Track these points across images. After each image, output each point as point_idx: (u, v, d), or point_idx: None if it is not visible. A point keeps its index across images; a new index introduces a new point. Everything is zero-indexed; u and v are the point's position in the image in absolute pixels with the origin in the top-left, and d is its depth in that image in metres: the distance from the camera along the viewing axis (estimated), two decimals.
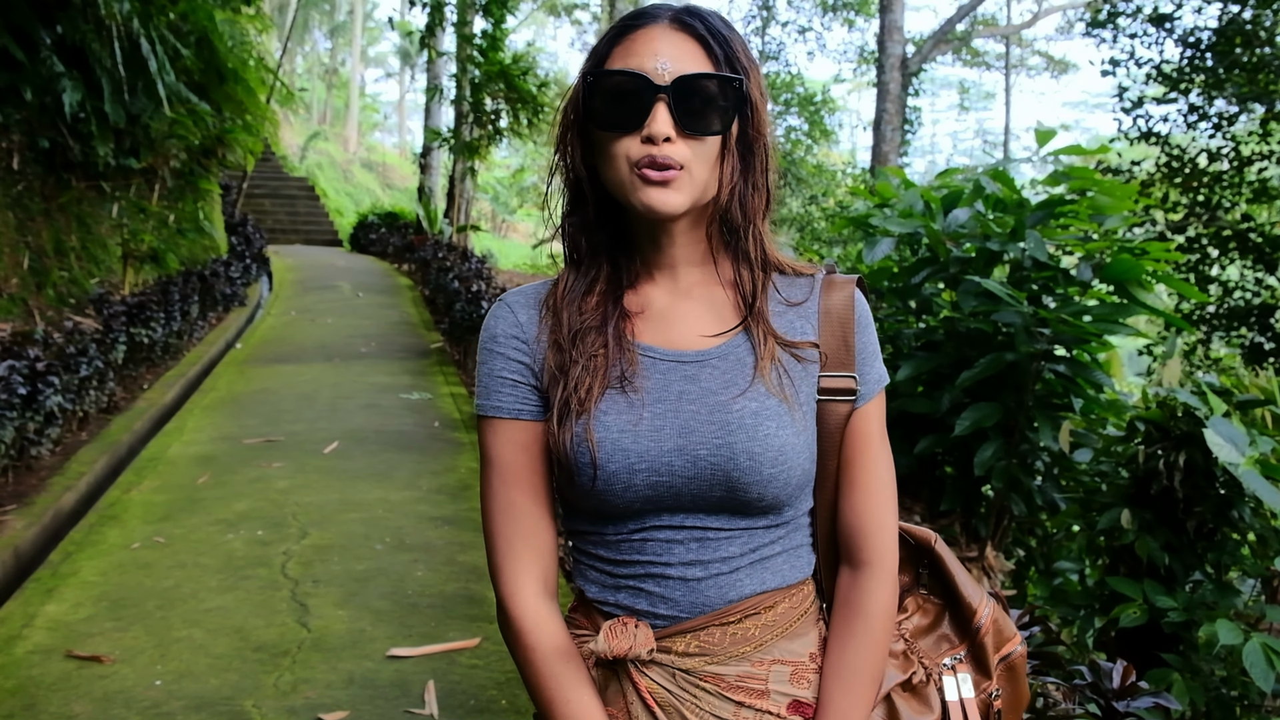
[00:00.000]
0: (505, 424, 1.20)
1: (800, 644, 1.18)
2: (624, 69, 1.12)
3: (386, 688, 3.11)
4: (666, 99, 1.10)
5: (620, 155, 1.12)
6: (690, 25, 1.14)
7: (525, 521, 1.19)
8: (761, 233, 1.20)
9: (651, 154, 1.10)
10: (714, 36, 1.13)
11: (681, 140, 1.11)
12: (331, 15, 41.57)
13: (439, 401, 7.39)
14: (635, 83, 1.11)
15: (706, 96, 1.11)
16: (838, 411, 1.20)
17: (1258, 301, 9.43)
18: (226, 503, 4.90)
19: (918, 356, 3.70)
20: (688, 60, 1.12)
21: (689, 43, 1.13)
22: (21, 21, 7.41)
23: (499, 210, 33.42)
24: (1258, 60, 9.02)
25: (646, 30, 1.13)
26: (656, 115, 1.10)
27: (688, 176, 1.12)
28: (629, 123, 1.11)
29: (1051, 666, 2.12)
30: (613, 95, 1.12)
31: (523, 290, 1.26)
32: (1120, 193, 3.56)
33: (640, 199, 1.11)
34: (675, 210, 1.12)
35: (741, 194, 1.16)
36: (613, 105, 1.12)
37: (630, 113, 1.11)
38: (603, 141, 1.14)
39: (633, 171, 1.11)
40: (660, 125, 1.09)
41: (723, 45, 1.13)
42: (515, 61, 12.81)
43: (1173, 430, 3.42)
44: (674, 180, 1.11)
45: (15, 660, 3.26)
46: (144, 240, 8.98)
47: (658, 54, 1.11)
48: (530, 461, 1.19)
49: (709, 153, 1.13)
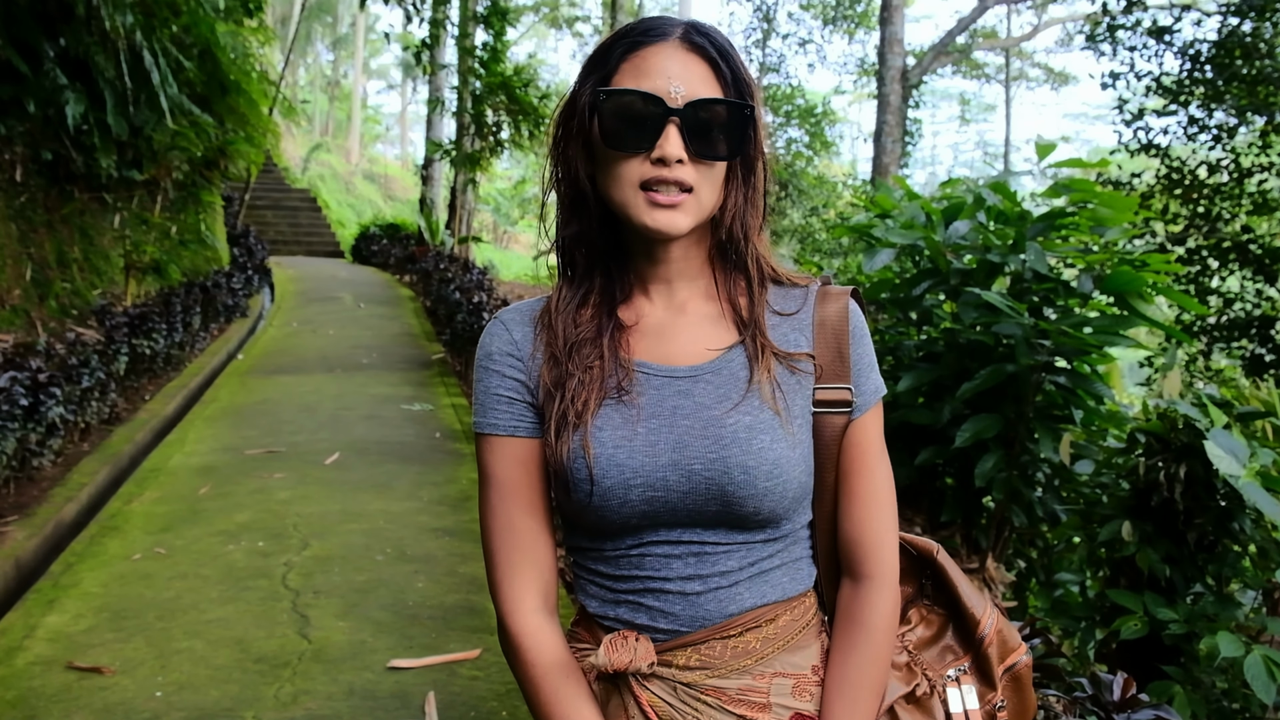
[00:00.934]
0: (503, 441, 1.20)
1: (802, 657, 1.18)
2: (637, 89, 1.11)
3: (387, 699, 3.11)
4: (679, 122, 1.10)
5: (627, 175, 1.12)
6: (700, 46, 1.13)
7: (524, 537, 1.20)
8: (758, 247, 1.20)
9: (662, 175, 1.10)
10: (723, 58, 1.13)
11: (691, 164, 1.11)
12: (334, 28, 41.72)
13: (440, 413, 7.39)
14: (648, 104, 1.11)
15: (718, 121, 1.12)
16: (834, 423, 1.19)
17: (1258, 313, 9.44)
18: (227, 514, 4.90)
19: (918, 368, 3.71)
20: (698, 83, 1.12)
21: (700, 64, 1.13)
22: (25, 34, 7.45)
23: (500, 222, 33.50)
24: (1257, 72, 9.04)
25: (657, 48, 1.13)
26: (669, 138, 1.10)
27: (695, 200, 1.12)
28: (639, 143, 1.11)
29: (1052, 678, 2.12)
30: (623, 114, 1.12)
31: (517, 307, 1.27)
32: (1120, 205, 3.57)
33: (646, 220, 1.12)
34: (681, 231, 1.13)
35: (743, 214, 1.17)
36: (623, 124, 1.12)
37: (641, 133, 1.11)
38: (609, 159, 1.14)
39: (639, 192, 1.12)
40: (673, 148, 1.10)
41: (730, 67, 1.14)
42: (517, 73, 12.86)
43: (1173, 442, 3.42)
44: (682, 204, 1.11)
45: (16, 671, 3.26)
46: (146, 251, 9.01)
47: (670, 75, 1.11)
48: (528, 478, 1.20)
49: (716, 176, 1.14)
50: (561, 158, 1.20)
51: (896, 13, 13.78)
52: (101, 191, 8.82)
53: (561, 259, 1.24)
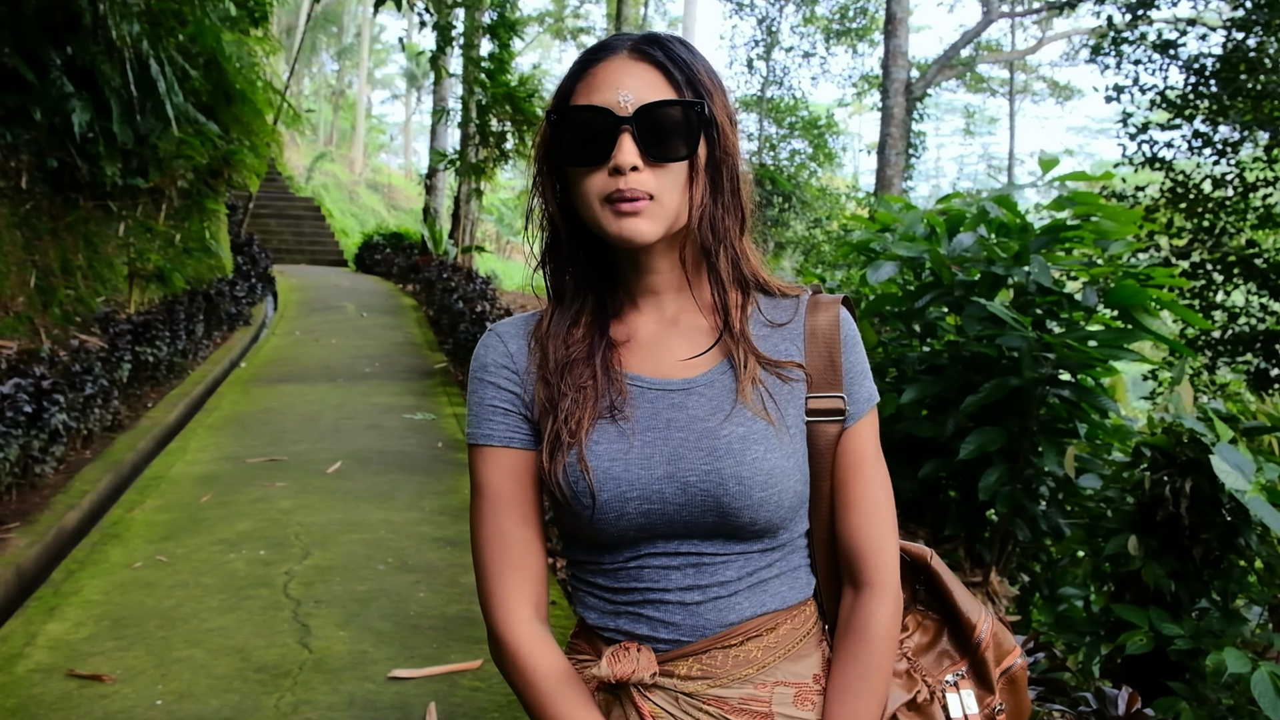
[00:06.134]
0: (497, 452, 1.20)
1: (803, 665, 1.18)
2: (588, 104, 1.13)
3: (387, 710, 3.10)
4: (631, 129, 1.11)
5: (590, 189, 1.13)
6: (649, 54, 1.14)
7: (516, 548, 1.19)
8: (739, 252, 1.20)
9: (618, 186, 1.11)
10: (674, 63, 1.14)
11: (648, 169, 1.12)
12: (339, 38, 41.89)
13: (442, 422, 7.39)
14: (599, 117, 1.12)
15: (670, 123, 1.12)
16: (828, 432, 1.20)
17: (1263, 327, 9.43)
18: (229, 522, 4.89)
19: (922, 380, 3.70)
20: (649, 89, 1.13)
21: (650, 71, 1.14)
22: (32, 43, 7.49)
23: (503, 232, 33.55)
24: (1262, 87, 9.05)
25: (607, 63, 1.15)
26: (622, 146, 1.11)
27: (658, 205, 1.13)
28: (596, 156, 1.12)
29: (1056, 694, 2.10)
30: (578, 131, 1.13)
31: (513, 321, 1.27)
32: (1124, 218, 3.57)
33: (612, 230, 1.12)
34: (647, 238, 1.13)
35: (711, 215, 1.16)
36: (579, 141, 1.13)
37: (596, 147, 1.12)
38: (574, 177, 1.15)
39: (603, 205, 1.12)
40: (626, 156, 1.10)
41: (684, 70, 1.14)
42: (521, 84, 12.90)
43: (1179, 456, 3.41)
44: (644, 209, 1.12)
45: (16, 679, 3.25)
46: (150, 259, 9.02)
47: (619, 86, 1.12)
48: (521, 489, 1.20)
49: (677, 179, 1.14)
50: (538, 188, 1.22)
51: (901, 26, 13.82)
52: (106, 199, 8.84)
53: (549, 283, 1.26)
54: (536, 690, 1.15)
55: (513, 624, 1.17)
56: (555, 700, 1.14)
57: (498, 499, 1.19)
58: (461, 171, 13.98)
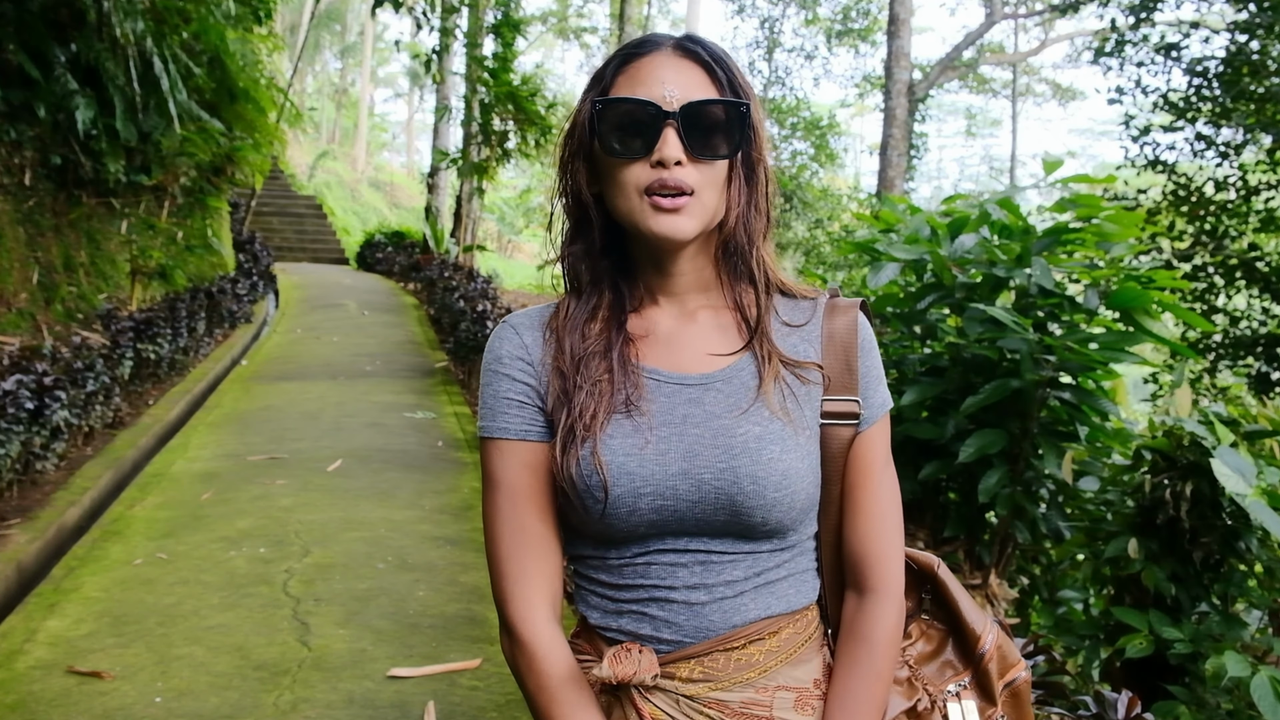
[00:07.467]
0: (512, 445, 1.19)
1: (805, 670, 1.18)
2: (632, 96, 1.12)
3: (386, 708, 3.10)
4: (675, 124, 1.11)
5: (629, 182, 1.12)
6: (694, 52, 1.15)
7: (534, 543, 1.18)
8: (764, 254, 1.20)
9: (662, 178, 1.11)
10: (717, 63, 1.15)
11: (691, 165, 1.12)
12: (342, 36, 41.88)
13: (443, 421, 7.39)
14: (644, 109, 1.12)
15: (714, 121, 1.12)
16: (841, 436, 1.19)
17: (1264, 331, 9.42)
18: (229, 520, 4.89)
19: (922, 382, 3.70)
20: (693, 86, 1.13)
21: (694, 69, 1.14)
22: (37, 40, 7.50)
23: (505, 231, 33.55)
24: (1265, 90, 9.05)
25: (651, 58, 1.15)
26: (666, 140, 1.10)
27: (698, 202, 1.12)
28: (638, 149, 1.12)
29: (1056, 697, 2.10)
30: (621, 122, 1.13)
31: (527, 313, 1.26)
32: (1126, 220, 3.56)
33: (652, 226, 1.12)
34: (686, 236, 1.12)
35: (746, 217, 1.17)
36: (621, 132, 1.13)
37: (639, 139, 1.12)
38: (611, 168, 1.14)
39: (643, 198, 1.12)
40: (671, 149, 1.10)
41: (725, 71, 1.15)
42: (524, 83, 12.89)
43: (1179, 459, 3.41)
44: (685, 206, 1.11)
45: (16, 675, 3.26)
46: (152, 257, 9.02)
47: (664, 80, 1.12)
48: (537, 482, 1.18)
49: (717, 177, 1.14)
50: (567, 176, 1.21)
51: (903, 27, 13.82)
52: (109, 196, 8.85)
53: (568, 273, 1.24)
54: (549, 693, 1.14)
55: (531, 622, 1.16)
56: (565, 704, 1.13)
57: (515, 493, 1.18)
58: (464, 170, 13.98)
